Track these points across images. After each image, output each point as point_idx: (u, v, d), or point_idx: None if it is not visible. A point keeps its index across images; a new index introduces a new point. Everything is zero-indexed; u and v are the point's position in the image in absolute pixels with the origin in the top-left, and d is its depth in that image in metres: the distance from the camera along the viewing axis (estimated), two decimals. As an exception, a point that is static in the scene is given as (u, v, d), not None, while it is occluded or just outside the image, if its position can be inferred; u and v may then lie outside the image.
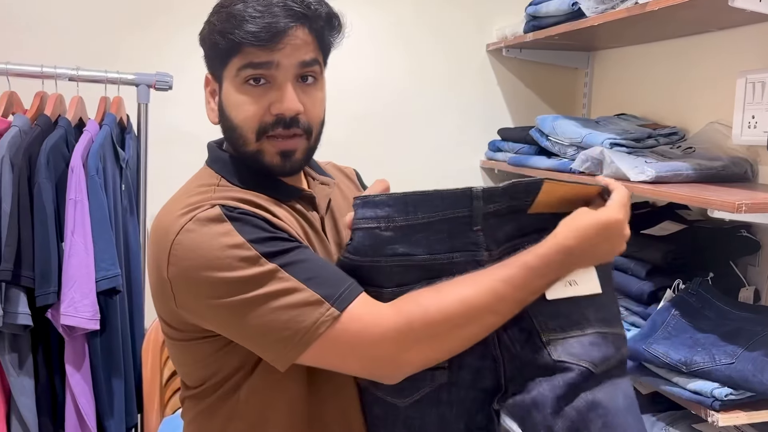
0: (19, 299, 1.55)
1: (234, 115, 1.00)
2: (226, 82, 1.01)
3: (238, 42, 0.96)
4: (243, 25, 0.95)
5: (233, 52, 0.98)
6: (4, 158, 1.55)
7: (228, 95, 1.01)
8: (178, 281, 0.92)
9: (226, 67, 1.00)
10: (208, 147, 1.10)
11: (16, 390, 1.61)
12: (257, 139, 0.99)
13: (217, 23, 0.98)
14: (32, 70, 1.74)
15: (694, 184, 1.60)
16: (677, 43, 1.99)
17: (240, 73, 0.98)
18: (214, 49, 1.00)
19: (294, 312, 0.88)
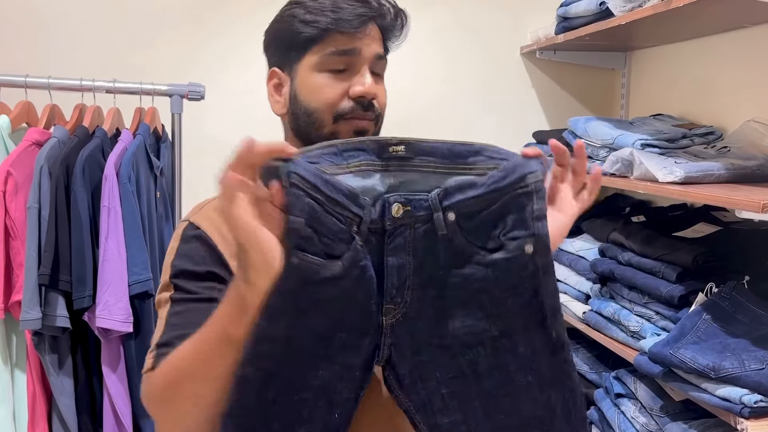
0: (57, 302, 1.62)
1: (312, 98, 1.03)
2: (303, 69, 1.04)
3: (324, 29, 1.01)
4: (332, 14, 1.01)
5: (317, 40, 1.02)
6: (43, 168, 1.63)
7: (305, 81, 1.04)
8: None
9: (305, 55, 1.04)
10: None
11: (56, 390, 1.68)
12: (334, 121, 1.03)
13: (300, 14, 1.03)
14: (72, 83, 1.82)
15: (726, 184, 1.55)
16: (713, 40, 1.94)
17: (323, 60, 1.02)
18: (295, 39, 1.03)
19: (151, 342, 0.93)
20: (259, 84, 2.40)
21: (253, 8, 2.27)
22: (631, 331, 1.67)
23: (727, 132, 1.86)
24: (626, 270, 1.72)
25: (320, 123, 1.03)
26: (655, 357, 1.45)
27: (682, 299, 1.56)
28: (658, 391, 1.63)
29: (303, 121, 1.05)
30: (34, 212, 1.61)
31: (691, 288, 1.55)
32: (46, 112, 1.81)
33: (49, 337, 1.65)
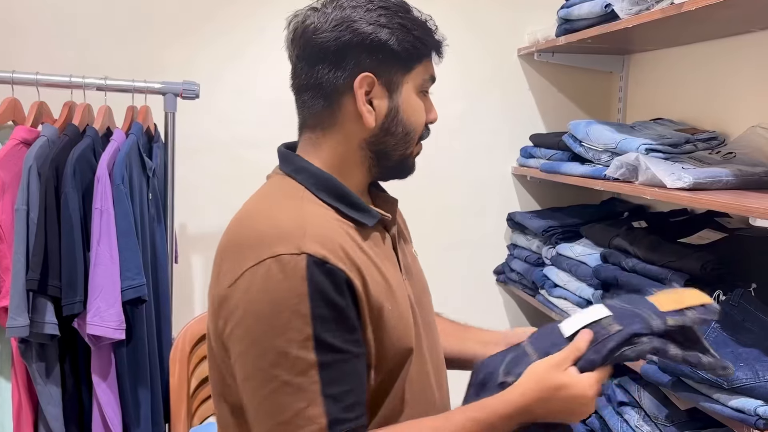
0: (46, 309, 1.56)
1: (413, 119, 1.03)
2: (407, 87, 1.01)
3: (429, 50, 1.02)
4: (434, 37, 1.03)
5: (420, 59, 1.01)
6: (32, 168, 1.56)
7: (409, 101, 1.02)
8: (234, 307, 0.91)
9: (409, 72, 1.01)
10: (284, 154, 1.05)
11: (43, 399, 1.62)
12: (414, 145, 1.05)
13: (411, 27, 0.99)
14: (61, 80, 1.76)
15: (734, 190, 1.53)
16: (716, 45, 1.92)
17: (422, 83, 1.03)
18: (405, 53, 0.99)
19: (297, 419, 0.86)
20: (253, 83, 2.36)
21: (249, 7, 2.21)
22: (636, 338, 1.65)
23: (729, 137, 1.85)
24: (631, 276, 1.70)
25: (410, 144, 1.04)
26: (666, 366, 1.42)
27: (689, 307, 1.53)
28: (663, 399, 1.61)
29: (397, 139, 1.02)
30: (23, 214, 1.55)
31: (698, 296, 1.53)
32: (34, 110, 1.74)
33: (36, 345, 1.59)
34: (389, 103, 1.00)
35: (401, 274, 1.06)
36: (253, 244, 0.91)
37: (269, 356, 0.87)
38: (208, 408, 2.01)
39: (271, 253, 0.88)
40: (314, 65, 0.99)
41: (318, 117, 1.02)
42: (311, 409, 0.86)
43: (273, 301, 0.87)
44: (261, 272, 0.88)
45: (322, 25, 0.98)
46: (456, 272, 2.44)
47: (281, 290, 0.87)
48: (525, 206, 2.49)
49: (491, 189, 2.47)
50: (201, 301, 2.27)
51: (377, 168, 1.05)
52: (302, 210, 0.95)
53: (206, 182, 2.20)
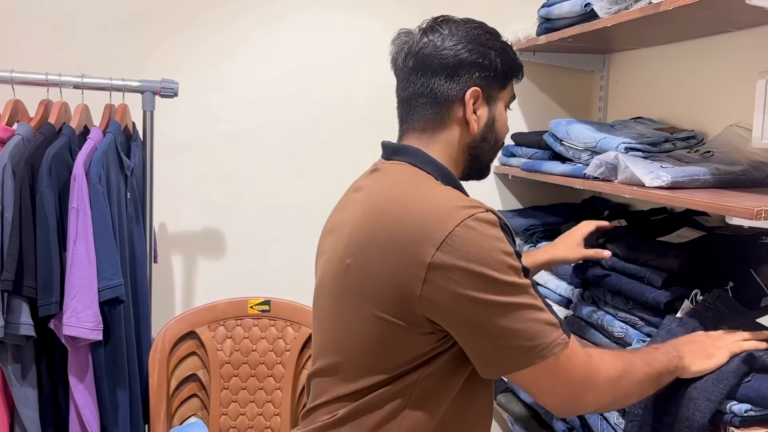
0: (21, 309, 1.54)
1: (503, 131, 1.24)
2: (500, 103, 1.21)
3: (518, 71, 1.23)
4: (518, 59, 1.23)
5: (511, 78, 1.22)
6: (6, 167, 1.54)
7: (502, 114, 1.22)
8: (443, 268, 0.99)
9: (504, 89, 1.21)
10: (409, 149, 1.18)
11: (19, 401, 1.60)
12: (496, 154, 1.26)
13: (508, 50, 1.21)
14: (37, 78, 1.74)
15: (712, 189, 1.54)
16: (695, 44, 1.93)
17: (509, 99, 1.24)
18: (505, 72, 1.19)
19: (541, 327, 1.02)
20: (231, 81, 2.34)
21: (228, 7, 2.20)
22: (615, 336, 1.66)
23: (707, 136, 1.86)
24: (610, 275, 1.71)
25: (497, 152, 1.26)
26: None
27: (667, 305, 1.54)
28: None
29: (489, 147, 1.22)
30: (-3, 214, 1.53)
31: (676, 294, 1.54)
32: (9, 108, 1.72)
33: (11, 346, 1.57)
34: (488, 115, 1.19)
35: None
36: (440, 215, 1.02)
37: (505, 289, 1.01)
38: (188, 408, 2.00)
39: (466, 215, 1.01)
40: (432, 77, 1.17)
41: (428, 121, 1.19)
42: (544, 314, 1.03)
43: (485, 248, 1.00)
44: (464, 231, 1.00)
45: (442, 44, 1.17)
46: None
47: (488, 237, 1.01)
48: (507, 205, 2.49)
49: (473, 187, 2.43)
50: (181, 301, 2.26)
51: (469, 169, 1.23)
52: (450, 190, 1.11)
53: (185, 181, 2.19)
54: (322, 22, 2.29)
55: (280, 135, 2.26)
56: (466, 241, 1.00)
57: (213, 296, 2.05)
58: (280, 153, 2.27)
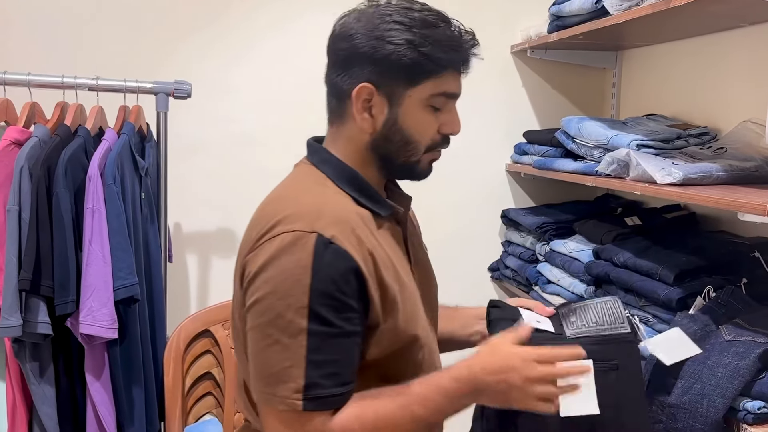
0: (38, 308, 1.56)
1: (415, 131, 1.07)
2: (410, 101, 1.06)
3: (443, 66, 1.04)
4: (453, 53, 1.04)
5: (429, 75, 1.04)
6: (23, 168, 1.56)
7: (412, 114, 1.06)
8: (249, 272, 1.01)
9: (414, 86, 1.05)
10: (312, 147, 1.14)
11: (37, 398, 1.62)
12: (423, 153, 1.09)
13: (420, 42, 1.02)
14: (53, 80, 1.76)
15: (724, 185, 1.53)
16: (708, 40, 1.92)
17: (432, 97, 1.06)
18: (409, 69, 1.03)
19: (281, 375, 0.97)
20: (244, 82, 2.36)
21: (241, 7, 2.22)
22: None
23: (720, 132, 1.85)
24: (622, 272, 1.70)
25: (414, 153, 1.09)
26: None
27: (680, 302, 1.54)
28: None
29: (396, 146, 1.08)
30: (14, 214, 1.55)
31: (689, 291, 1.53)
32: (26, 110, 1.75)
33: (29, 344, 1.59)
34: (388, 113, 1.06)
35: (410, 264, 1.15)
36: (274, 222, 1.00)
37: (269, 314, 0.97)
38: (203, 406, 2.01)
39: (286, 229, 0.98)
40: (331, 67, 1.10)
41: (334, 114, 1.12)
42: (294, 369, 0.96)
43: (281, 267, 0.97)
44: (276, 243, 0.98)
45: (340, 33, 1.08)
46: (451, 269, 2.43)
47: (290, 260, 0.96)
48: (519, 203, 2.49)
49: (485, 186, 2.47)
50: (195, 300, 2.28)
51: (385, 169, 1.12)
52: (323, 195, 1.06)
53: (199, 181, 2.21)
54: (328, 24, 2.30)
55: (292, 135, 2.26)
56: (271, 254, 0.98)
57: (227, 295, 2.03)
58: (293, 153, 2.27)
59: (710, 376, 1.31)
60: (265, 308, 0.98)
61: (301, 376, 0.95)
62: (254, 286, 0.99)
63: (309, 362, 0.96)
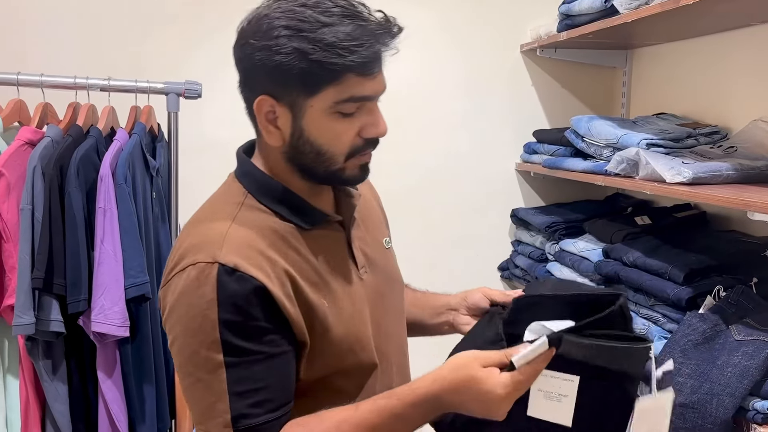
0: (51, 306, 1.57)
1: (325, 141, 0.98)
2: (312, 110, 0.96)
3: (341, 72, 0.92)
4: (350, 54, 0.92)
5: (330, 82, 0.94)
6: (36, 168, 1.58)
7: (317, 124, 0.97)
8: (163, 307, 0.98)
9: (314, 95, 0.95)
10: (238, 158, 1.08)
11: (50, 396, 1.64)
12: (345, 160, 1.00)
13: (309, 49, 0.91)
14: (65, 81, 1.78)
15: (734, 185, 1.53)
16: (719, 38, 1.91)
17: (337, 106, 0.95)
18: (303, 78, 0.93)
19: (208, 411, 0.93)
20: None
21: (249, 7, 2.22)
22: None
23: (731, 131, 1.84)
24: (632, 272, 1.70)
25: (331, 163, 0.99)
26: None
27: (689, 301, 1.53)
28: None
29: (310, 158, 0.99)
30: (27, 214, 1.57)
31: (698, 290, 1.53)
32: (39, 111, 1.76)
33: (42, 342, 1.61)
34: (293, 125, 0.98)
35: (356, 271, 1.07)
36: (182, 251, 0.97)
37: (186, 353, 0.94)
38: (213, 404, 2.02)
39: (191, 261, 0.94)
40: (238, 76, 1.02)
41: (253, 124, 1.05)
42: (219, 404, 0.92)
43: (188, 304, 0.93)
44: (183, 277, 0.94)
45: (236, 41, 1.00)
46: (460, 268, 2.45)
47: (195, 296, 0.93)
48: (529, 202, 2.49)
49: (495, 185, 2.48)
50: (207, 299, 2.29)
51: (310, 178, 1.03)
52: (232, 218, 0.99)
53: (210, 180, 2.18)
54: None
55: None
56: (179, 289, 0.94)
57: (237, 294, 2.08)
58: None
59: (719, 376, 1.31)
60: (180, 347, 0.95)
61: (226, 410, 0.92)
62: (169, 325, 0.97)
63: (231, 395, 0.92)
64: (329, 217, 1.05)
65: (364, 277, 1.08)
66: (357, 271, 1.07)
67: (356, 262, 1.08)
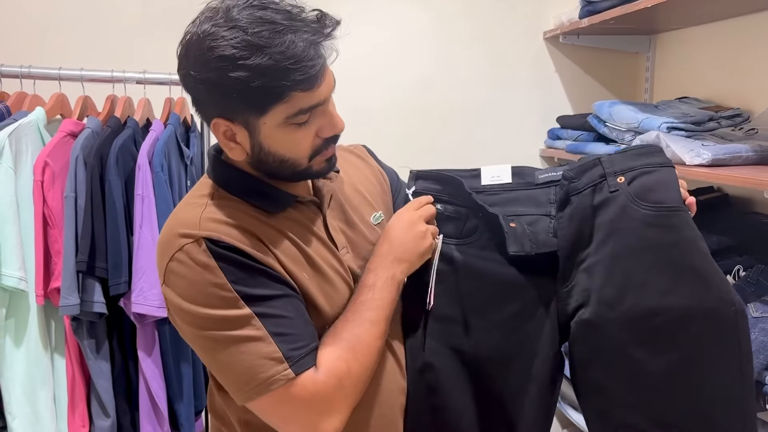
0: (94, 289, 1.66)
1: (285, 150, 1.00)
2: (265, 127, 0.98)
3: (284, 93, 0.93)
4: (291, 74, 0.92)
5: (276, 102, 0.94)
6: (79, 158, 1.66)
7: (273, 137, 0.99)
8: (169, 299, 1.00)
9: (264, 114, 0.96)
10: (209, 155, 1.12)
11: (95, 373, 1.73)
12: (309, 161, 1.03)
13: (249, 78, 0.91)
14: (103, 75, 1.86)
15: (754, 166, 1.55)
16: (738, 22, 1.92)
17: (289, 120, 0.97)
18: (250, 102, 0.94)
19: (256, 361, 0.94)
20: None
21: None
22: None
23: (754, 114, 1.86)
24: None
25: (296, 165, 1.03)
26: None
27: (709, 281, 1.56)
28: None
29: (274, 166, 1.03)
30: (71, 201, 1.65)
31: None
32: (79, 104, 1.85)
33: (86, 323, 1.69)
34: (251, 141, 1.00)
35: (336, 251, 1.10)
36: (165, 245, 1.00)
37: (215, 325, 0.95)
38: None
39: (177, 248, 0.97)
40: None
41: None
42: (266, 347, 0.95)
43: (193, 283, 0.96)
44: (175, 265, 0.97)
45: (179, 65, 1.00)
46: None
47: (194, 273, 0.96)
48: (553, 188, 2.51)
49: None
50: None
51: (280, 179, 1.06)
52: (203, 206, 1.02)
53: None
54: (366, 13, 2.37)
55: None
56: (178, 276, 0.97)
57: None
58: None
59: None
60: (205, 322, 0.96)
61: (275, 349, 0.95)
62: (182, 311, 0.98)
63: (274, 335, 0.95)
64: (299, 198, 1.08)
65: (345, 257, 1.11)
66: (337, 251, 1.10)
67: (335, 243, 1.11)
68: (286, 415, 0.98)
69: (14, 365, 1.68)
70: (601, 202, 1.08)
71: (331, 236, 1.11)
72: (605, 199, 1.07)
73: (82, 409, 1.75)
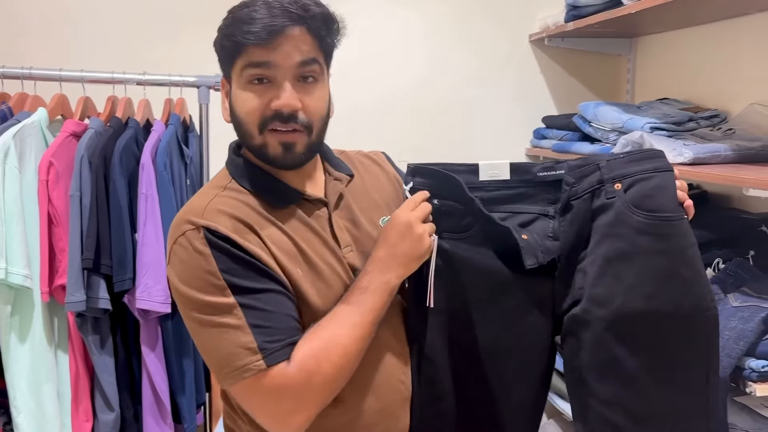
0: (99, 285, 1.69)
1: (240, 110, 1.09)
2: (233, 81, 1.11)
3: (240, 42, 1.06)
4: (244, 27, 1.05)
5: (237, 53, 1.08)
6: (83, 157, 1.70)
7: (235, 93, 1.10)
8: (170, 279, 1.08)
9: (232, 67, 1.10)
10: (229, 147, 1.19)
11: (99, 368, 1.76)
12: (260, 132, 1.08)
13: (224, 28, 1.10)
14: (103, 76, 1.90)
15: (732, 164, 1.63)
16: (720, 26, 2.01)
17: (243, 73, 1.08)
18: (223, 52, 1.11)
19: (233, 349, 1.00)
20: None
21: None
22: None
23: (731, 115, 1.95)
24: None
25: (250, 134, 1.10)
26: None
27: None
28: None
29: (238, 131, 1.12)
30: (76, 200, 1.68)
31: (699, 263, 1.64)
32: (81, 105, 1.88)
33: (91, 319, 1.73)
34: (230, 99, 1.13)
35: (338, 250, 1.14)
36: (174, 228, 1.08)
37: (201, 308, 1.03)
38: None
39: (181, 233, 1.05)
40: None
41: None
42: (243, 337, 1.00)
43: (189, 267, 1.04)
44: (177, 248, 1.06)
45: None
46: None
47: (191, 258, 1.03)
48: (539, 185, 2.59)
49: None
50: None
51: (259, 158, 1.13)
52: (213, 196, 1.09)
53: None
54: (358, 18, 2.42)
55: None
56: (177, 258, 1.05)
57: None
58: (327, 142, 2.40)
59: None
60: (195, 304, 1.03)
61: (252, 340, 1.00)
62: (179, 292, 1.05)
63: (253, 327, 1.01)
64: (305, 195, 1.14)
65: (348, 255, 1.15)
66: (339, 250, 1.14)
67: (339, 242, 1.15)
68: (256, 404, 1.04)
69: (19, 361, 1.70)
70: (598, 207, 1.12)
71: (334, 234, 1.15)
72: (602, 205, 1.12)
73: (86, 403, 1.78)
